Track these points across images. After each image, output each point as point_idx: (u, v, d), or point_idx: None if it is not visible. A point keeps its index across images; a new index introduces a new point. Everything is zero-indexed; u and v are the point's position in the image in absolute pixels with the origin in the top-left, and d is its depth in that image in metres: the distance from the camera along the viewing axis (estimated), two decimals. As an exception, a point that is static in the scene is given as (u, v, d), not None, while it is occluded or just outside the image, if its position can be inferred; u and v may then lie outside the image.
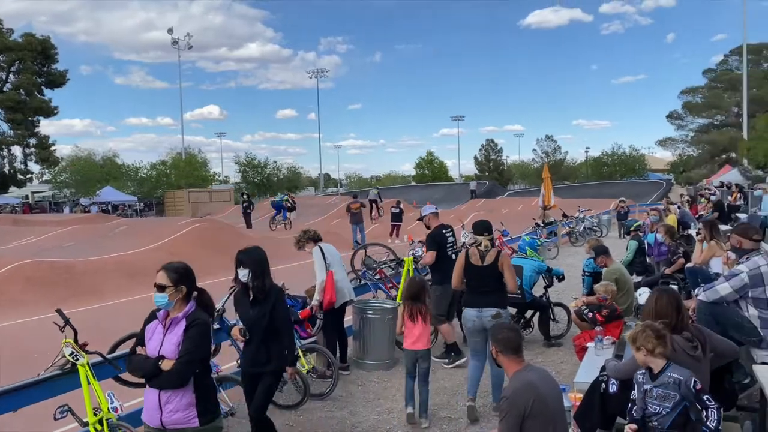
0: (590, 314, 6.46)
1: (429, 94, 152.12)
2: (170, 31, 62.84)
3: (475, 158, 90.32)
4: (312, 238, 7.26)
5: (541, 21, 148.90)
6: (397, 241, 21.48)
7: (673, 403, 3.49)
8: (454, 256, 7.19)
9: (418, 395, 5.71)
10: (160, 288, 3.44)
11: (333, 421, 5.80)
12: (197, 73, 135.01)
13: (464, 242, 14.02)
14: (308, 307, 6.98)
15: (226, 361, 6.47)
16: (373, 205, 29.63)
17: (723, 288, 4.95)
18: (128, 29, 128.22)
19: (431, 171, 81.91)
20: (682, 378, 3.47)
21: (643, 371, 3.65)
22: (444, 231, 7.64)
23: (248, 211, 28.65)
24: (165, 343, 3.46)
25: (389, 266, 9.80)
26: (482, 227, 5.97)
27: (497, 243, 14.85)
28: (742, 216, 15.19)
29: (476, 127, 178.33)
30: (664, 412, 3.50)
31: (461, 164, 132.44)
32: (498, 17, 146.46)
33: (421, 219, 7.95)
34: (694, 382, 3.45)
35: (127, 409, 4.61)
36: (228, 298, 6.09)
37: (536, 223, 20.07)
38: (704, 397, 3.44)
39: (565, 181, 73.91)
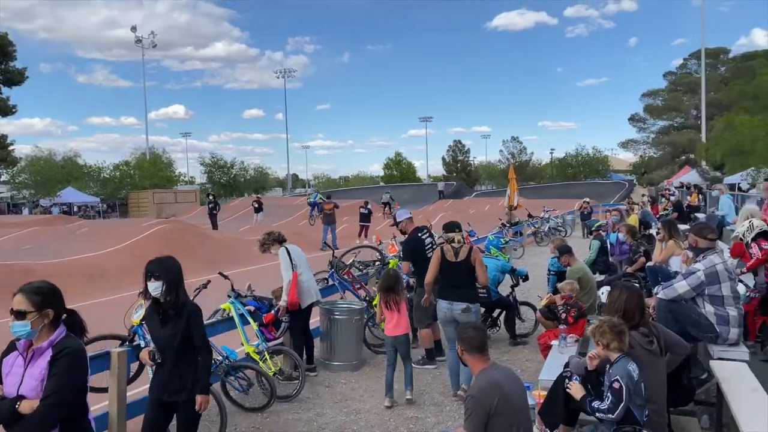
0: (564, 314, 6.57)
1: (397, 95, 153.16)
2: (134, 29, 61.69)
3: (443, 159, 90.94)
4: (276, 239, 7.20)
5: (507, 24, 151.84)
6: (366, 242, 21.49)
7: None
8: None
9: (403, 374, 6.18)
10: (19, 314, 2.84)
11: (300, 422, 5.77)
12: (162, 72, 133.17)
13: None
14: (275, 307, 6.94)
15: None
16: (386, 207, 33.08)
17: (681, 286, 5.09)
18: (91, 27, 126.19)
19: (399, 171, 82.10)
20: (611, 371, 3.57)
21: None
22: (420, 234, 7.58)
23: (214, 212, 28.26)
24: (25, 379, 2.87)
25: (357, 267, 9.80)
26: (452, 225, 6.42)
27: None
28: (701, 216, 15.62)
29: (444, 128, 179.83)
30: (606, 406, 3.57)
31: (429, 165, 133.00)
32: (465, 19, 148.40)
33: (396, 224, 7.92)
34: (617, 379, 3.52)
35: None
36: (193, 300, 6.03)
37: (502, 224, 20.32)
38: (608, 393, 3.51)
39: (530, 182, 74.95)
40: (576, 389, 3.75)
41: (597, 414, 3.59)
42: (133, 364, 5.61)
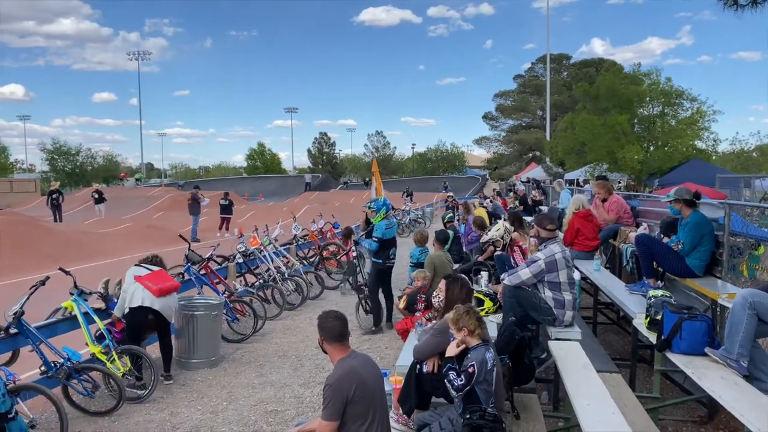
0: (421, 304, 6.81)
1: (262, 85, 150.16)
2: (-43, -5, 54.31)
3: (309, 151, 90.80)
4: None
5: (373, 19, 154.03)
6: (227, 235, 20.82)
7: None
8: None
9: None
10: None
11: (152, 424, 5.47)
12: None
13: (296, 234, 14.04)
14: None
15: (27, 368, 5.83)
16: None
17: (524, 273, 5.48)
18: None
19: (263, 163, 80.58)
20: (470, 355, 3.78)
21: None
22: None
23: (57, 203, 25.76)
24: None
25: (215, 261, 9.48)
26: None
27: (328, 235, 15.10)
28: (544, 209, 16.93)
29: (310, 120, 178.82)
30: (458, 383, 3.75)
31: (295, 157, 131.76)
32: (332, 12, 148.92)
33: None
34: (472, 364, 3.73)
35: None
36: (27, 299, 5.50)
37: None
38: (462, 375, 3.73)
39: (393, 176, 77.04)
40: (452, 349, 3.85)
41: (447, 382, 3.75)
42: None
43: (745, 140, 36.16)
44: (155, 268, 6.63)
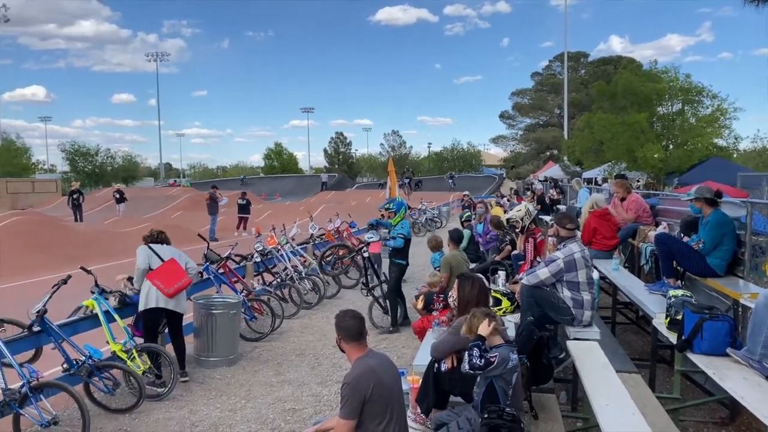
0: (439, 304, 6.82)
1: (279, 85, 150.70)
2: (-21, -1, 55.24)
3: (325, 150, 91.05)
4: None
5: (389, 18, 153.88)
6: (245, 234, 20.96)
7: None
8: None
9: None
10: None
11: (171, 421, 5.53)
12: (19, 49, 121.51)
13: (312, 234, 14.08)
14: None
15: (49, 366, 5.92)
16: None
17: (542, 273, 5.45)
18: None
19: (280, 162, 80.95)
20: (492, 349, 3.76)
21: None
22: None
23: (78, 203, 26.10)
24: None
25: (233, 259, 9.55)
26: None
27: (345, 234, 15.10)
28: (562, 208, 16.80)
29: (326, 120, 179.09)
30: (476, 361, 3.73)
31: (311, 156, 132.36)
32: (349, 11, 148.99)
33: None
34: (495, 354, 3.71)
35: None
36: (50, 297, 5.58)
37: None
38: (481, 359, 3.73)
39: (409, 175, 76.88)
40: (485, 328, 3.79)
41: (467, 354, 3.73)
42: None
43: (767, 138, 35.62)
44: (165, 254, 6.64)
